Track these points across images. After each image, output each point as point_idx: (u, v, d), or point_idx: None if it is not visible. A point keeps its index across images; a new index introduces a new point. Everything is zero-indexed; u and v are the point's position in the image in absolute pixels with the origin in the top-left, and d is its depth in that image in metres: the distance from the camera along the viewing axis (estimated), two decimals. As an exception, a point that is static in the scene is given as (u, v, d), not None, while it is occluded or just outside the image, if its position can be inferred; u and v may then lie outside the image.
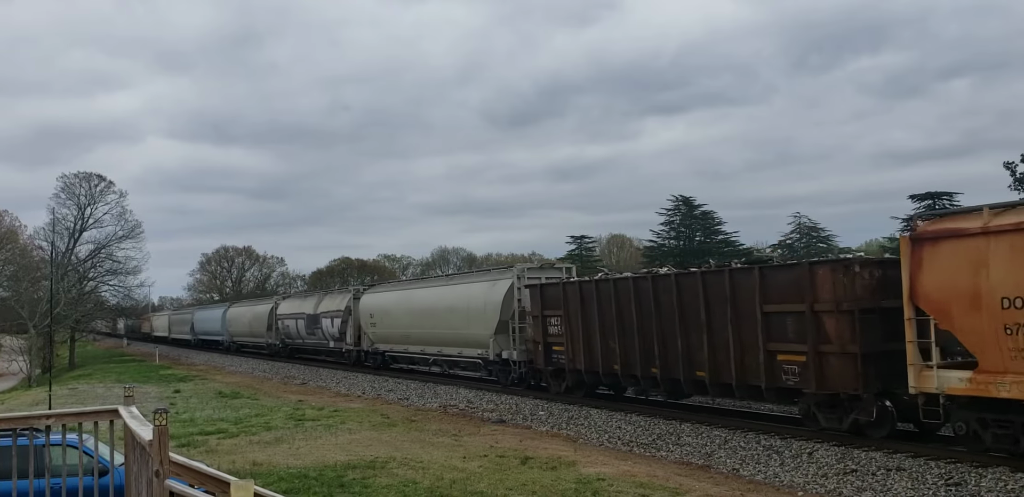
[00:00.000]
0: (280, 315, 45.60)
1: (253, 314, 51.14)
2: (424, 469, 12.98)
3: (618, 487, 11.56)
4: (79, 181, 59.32)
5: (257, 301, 56.45)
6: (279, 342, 46.13)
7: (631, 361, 19.00)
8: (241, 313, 54.84)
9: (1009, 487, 10.99)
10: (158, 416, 5.19)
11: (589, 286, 20.50)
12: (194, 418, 20.29)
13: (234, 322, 55.82)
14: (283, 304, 46.55)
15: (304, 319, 41.24)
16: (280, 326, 45.27)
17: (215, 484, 5.02)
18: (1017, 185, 49.74)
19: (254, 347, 52.39)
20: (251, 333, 51.47)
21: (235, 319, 55.76)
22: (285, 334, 44.69)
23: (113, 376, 38.45)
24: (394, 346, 32.37)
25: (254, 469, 13.10)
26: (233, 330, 56.04)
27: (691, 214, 72.19)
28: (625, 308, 19.09)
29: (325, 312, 38.64)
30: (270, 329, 47.19)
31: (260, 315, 49.29)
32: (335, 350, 38.68)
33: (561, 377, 21.89)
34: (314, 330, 39.99)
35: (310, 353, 43.90)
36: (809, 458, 13.47)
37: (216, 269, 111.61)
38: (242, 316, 54.09)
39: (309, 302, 41.78)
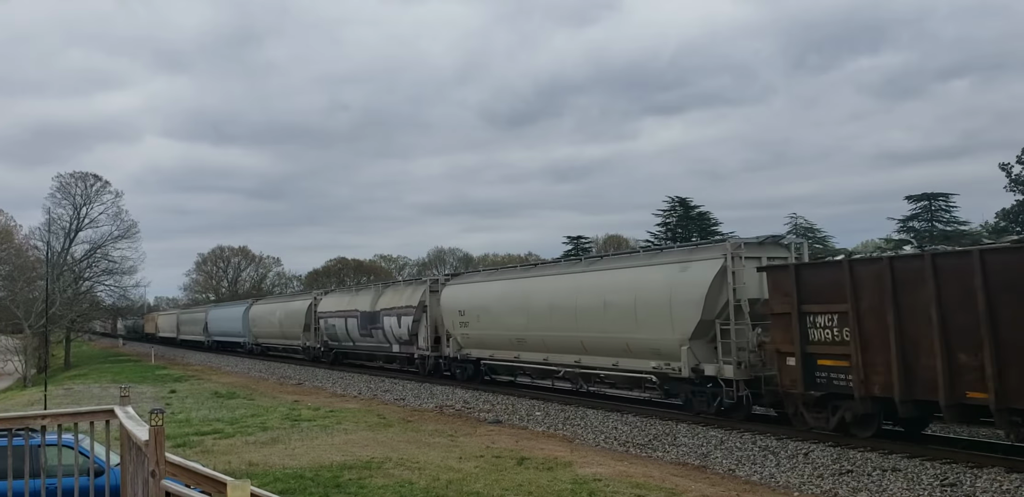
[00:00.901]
0: (323, 313, 38.56)
1: (285, 312, 44.59)
2: (420, 469, 12.98)
3: (614, 488, 11.56)
4: (75, 181, 59.23)
5: (290, 297, 50.47)
6: (320, 345, 39.93)
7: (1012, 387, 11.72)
8: (268, 311, 48.15)
9: (1004, 487, 11.02)
10: (154, 416, 5.19)
11: (916, 264, 13.16)
12: (190, 418, 20.26)
13: (259, 321, 49.31)
14: (326, 300, 39.66)
15: (357, 317, 34.27)
16: (323, 326, 38.51)
17: (211, 484, 5.01)
18: (1012, 186, 49.93)
19: (285, 351, 46.42)
20: (282, 334, 45.35)
21: (261, 318, 49.14)
22: (329, 335, 37.95)
23: (109, 376, 38.38)
24: (495, 353, 25.07)
25: (250, 469, 13.09)
26: (258, 330, 49.90)
27: (687, 215, 72.21)
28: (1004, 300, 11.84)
29: (388, 309, 31.68)
30: (308, 330, 41.15)
31: (295, 313, 42.84)
32: (400, 355, 32.07)
33: (830, 406, 14.79)
34: (371, 331, 33.19)
35: (363, 359, 37.24)
36: (805, 459, 13.49)
37: (212, 269, 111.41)
38: (270, 314, 47.45)
39: (364, 297, 34.95)
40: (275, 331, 46.64)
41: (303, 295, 46.12)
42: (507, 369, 25.76)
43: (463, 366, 27.32)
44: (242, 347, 53.51)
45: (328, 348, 39.03)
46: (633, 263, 20.10)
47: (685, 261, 18.17)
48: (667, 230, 73.31)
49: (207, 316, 62.22)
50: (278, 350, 48.06)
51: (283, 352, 47.01)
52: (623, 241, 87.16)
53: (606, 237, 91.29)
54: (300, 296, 46.77)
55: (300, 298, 44.75)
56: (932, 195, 55.61)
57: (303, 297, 44.51)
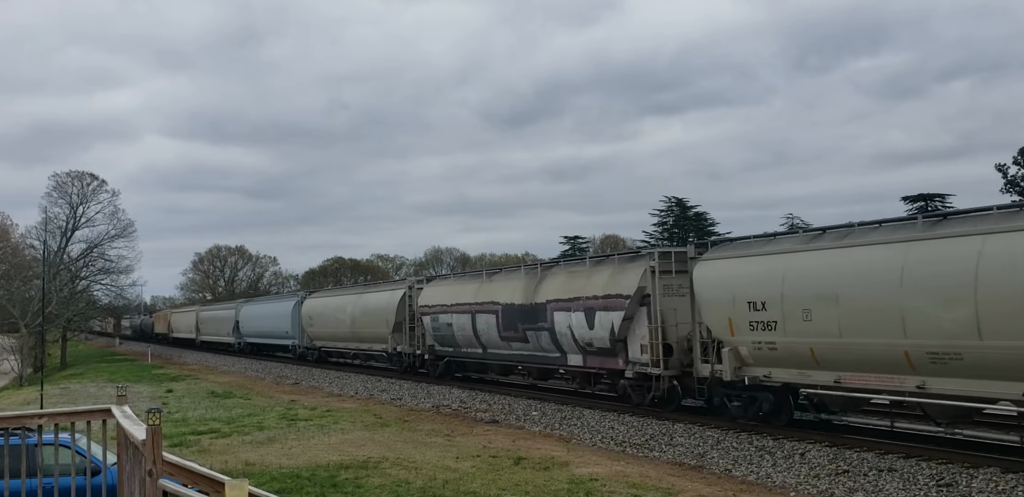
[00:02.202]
0: (427, 307, 28.47)
1: (362, 307, 34.32)
2: (417, 469, 12.98)
3: (611, 487, 11.57)
4: (71, 180, 59.21)
5: (365, 287, 39.10)
6: (422, 351, 29.49)
7: None
8: (335, 306, 37.63)
9: (1000, 488, 11.04)
10: (151, 415, 5.19)
11: None
12: (186, 418, 20.25)
13: (319, 319, 39.27)
14: (432, 289, 29.33)
15: (497, 313, 24.07)
16: (427, 325, 28.43)
17: (209, 484, 5.02)
18: (1008, 187, 50.02)
19: (359, 357, 36.36)
20: (354, 336, 35.16)
21: (321, 315, 38.99)
22: (439, 338, 27.94)
23: (105, 375, 38.33)
24: (844, 376, 14.15)
25: (247, 469, 13.09)
26: (317, 331, 40.00)
27: (684, 215, 72.32)
28: None
29: (566, 300, 20.94)
30: (399, 330, 30.91)
31: (380, 308, 32.41)
32: (580, 370, 21.32)
33: None
34: (525, 333, 22.74)
35: (498, 372, 26.95)
36: (801, 459, 13.50)
37: (209, 268, 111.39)
38: (338, 311, 36.88)
39: (508, 284, 24.29)
40: (343, 332, 36.44)
41: (390, 284, 36.22)
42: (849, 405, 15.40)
43: (755, 400, 16.22)
44: (290, 352, 44.22)
45: (436, 356, 28.61)
46: None
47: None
48: (664, 230, 73.39)
49: (238, 313, 52.34)
50: (345, 356, 38.31)
51: (354, 359, 37.31)
52: (620, 241, 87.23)
53: (603, 237, 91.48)
54: (385, 285, 36.27)
55: (385, 287, 34.72)
56: (928, 196, 55.73)
57: (391, 286, 34.05)
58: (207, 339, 60.54)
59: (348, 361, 38.34)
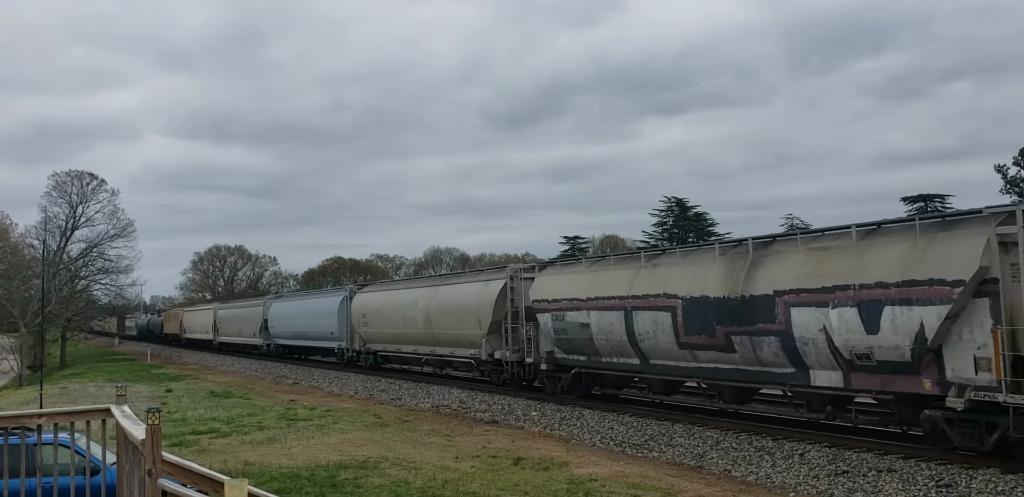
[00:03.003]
0: (545, 303, 21.48)
1: (442, 303, 27.37)
2: (416, 469, 12.98)
3: (610, 488, 11.57)
4: (71, 179, 59.28)
5: (442, 279, 30.79)
6: (539, 360, 22.33)
7: None
8: (403, 301, 30.25)
9: (999, 489, 11.04)
10: (151, 415, 5.18)
11: None
12: (186, 417, 20.25)
13: (376, 318, 32.35)
14: (548, 279, 22.16)
15: (676, 311, 17.28)
16: (550, 327, 21.31)
17: (208, 484, 5.01)
18: (1008, 188, 50.03)
19: (440, 364, 28.86)
20: (431, 339, 28.26)
21: (379, 312, 32.10)
22: (564, 344, 21.10)
23: (104, 375, 38.33)
24: None
25: (246, 469, 13.08)
26: (374, 332, 32.94)
27: (684, 215, 72.34)
28: None
29: (802, 290, 14.62)
30: (496, 332, 24.11)
31: (470, 305, 25.48)
32: (837, 393, 14.74)
33: None
34: (731, 338, 16.04)
35: (659, 389, 19.53)
36: (801, 459, 13.50)
37: (208, 268, 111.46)
38: (405, 307, 29.88)
39: (692, 269, 17.32)
40: (412, 333, 29.44)
41: (483, 273, 27.62)
42: None
43: None
44: (335, 356, 37.40)
45: (556, 365, 21.77)
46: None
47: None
48: (664, 230, 73.40)
49: (267, 311, 45.80)
50: (411, 363, 31.66)
51: (424, 367, 30.35)
52: (619, 241, 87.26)
53: (603, 237, 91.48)
54: (474, 275, 28.07)
55: (475, 277, 27.02)
56: (928, 196, 55.75)
57: (485, 276, 26.37)
58: (227, 341, 53.99)
59: (416, 369, 31.78)
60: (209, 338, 58.55)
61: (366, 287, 36.93)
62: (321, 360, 41.11)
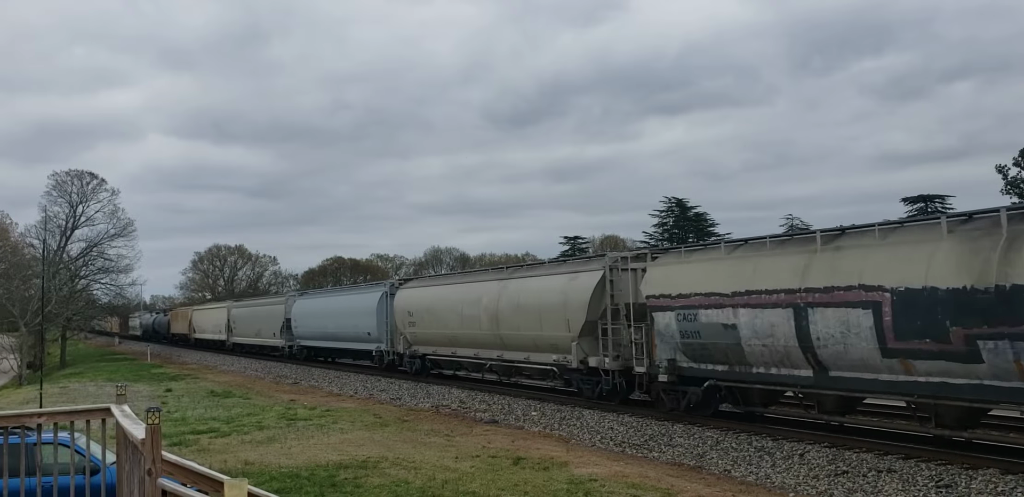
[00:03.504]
0: (665, 299, 17.52)
1: (517, 299, 23.01)
2: (416, 469, 12.98)
3: (610, 488, 11.57)
4: (71, 179, 59.34)
5: (512, 271, 25.39)
6: (657, 369, 17.92)
7: None
8: (462, 297, 26.05)
9: (999, 489, 11.04)
10: (151, 415, 5.18)
11: None
12: (186, 417, 20.25)
13: (429, 318, 27.91)
14: (668, 270, 18.02)
15: (883, 307, 13.09)
16: (675, 330, 17.20)
17: (208, 483, 5.01)
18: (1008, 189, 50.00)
19: (509, 372, 24.38)
20: (499, 342, 23.87)
21: (432, 311, 27.69)
22: (692, 350, 17.02)
23: (104, 375, 38.33)
24: None
25: (246, 468, 13.09)
26: (423, 333, 28.48)
27: (684, 216, 72.37)
28: None
29: None
30: (589, 334, 20.09)
31: (557, 302, 21.14)
32: None
33: None
34: (978, 344, 11.84)
35: (835, 407, 15.22)
36: (800, 459, 13.51)
37: (208, 268, 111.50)
38: (465, 303, 25.70)
39: (904, 252, 13.11)
40: (472, 335, 25.17)
41: (571, 263, 23.14)
42: None
43: None
44: (373, 360, 33.33)
45: (678, 376, 17.56)
46: None
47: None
48: (663, 231, 73.42)
49: (290, 309, 42.22)
50: (469, 369, 27.02)
51: (486, 373, 25.82)
52: (620, 241, 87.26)
53: (603, 237, 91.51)
54: (558, 265, 23.64)
55: (561, 268, 22.60)
56: (928, 197, 55.76)
57: (573, 266, 22.08)
58: (243, 341, 50.29)
59: (475, 376, 26.66)
60: (222, 339, 54.82)
61: (411, 282, 32.79)
62: (353, 364, 37.69)
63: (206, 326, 59.99)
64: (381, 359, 32.40)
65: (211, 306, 64.53)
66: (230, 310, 54.32)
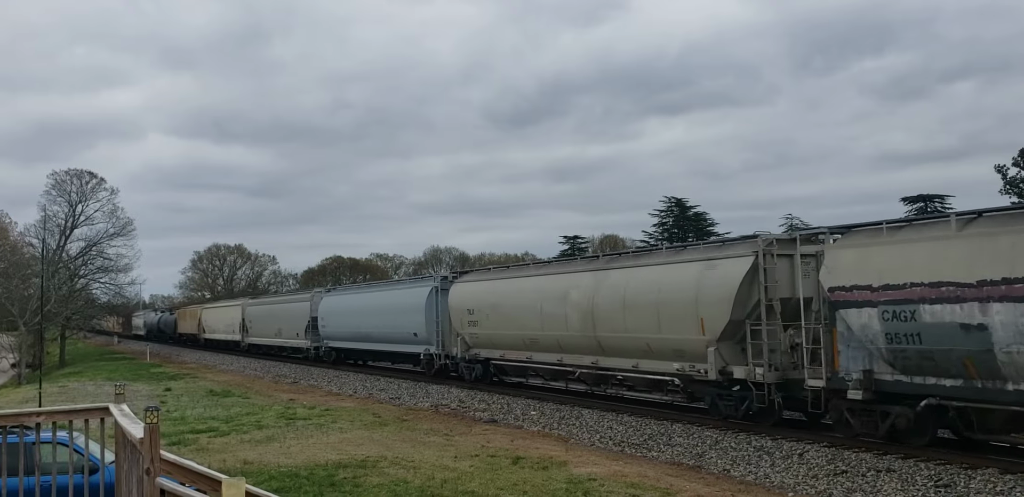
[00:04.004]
0: (861, 294, 13.51)
1: (616, 294, 19.25)
2: (415, 468, 12.98)
3: (609, 487, 11.57)
4: (70, 178, 59.31)
5: (608, 259, 21.31)
6: (855, 385, 13.69)
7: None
8: (537, 293, 22.24)
9: (998, 489, 11.04)
10: (149, 414, 5.18)
11: None
12: (185, 416, 20.24)
13: (495, 316, 24.02)
14: (857, 253, 13.94)
15: None
16: (878, 331, 13.23)
17: (206, 482, 5.01)
18: (1008, 189, 49.99)
19: (599, 379, 20.89)
20: (594, 345, 20.09)
21: (500, 308, 23.84)
22: (908, 359, 12.99)
23: (103, 374, 38.30)
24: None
25: (245, 468, 13.08)
26: (489, 334, 24.53)
27: (683, 216, 72.35)
28: None
29: None
30: (730, 338, 16.43)
31: (671, 299, 17.56)
32: None
33: None
34: None
35: None
36: (800, 459, 13.51)
37: (208, 267, 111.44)
38: (543, 301, 21.81)
39: None
40: (560, 336, 21.14)
41: (681, 252, 19.04)
42: None
43: None
44: (423, 366, 29.70)
45: (882, 394, 13.65)
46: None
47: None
48: (663, 230, 73.41)
49: (316, 307, 38.89)
50: (555, 377, 23.05)
51: (570, 382, 22.57)
52: (619, 241, 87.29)
53: (602, 237, 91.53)
54: (671, 254, 19.14)
55: (678, 257, 18.50)
56: (927, 197, 55.70)
57: (703, 254, 17.77)
58: (260, 342, 46.88)
59: (558, 386, 23.37)
60: (236, 339, 51.07)
61: (468, 275, 28.60)
62: (393, 368, 33.91)
63: (218, 325, 56.74)
64: (430, 363, 28.76)
65: (223, 304, 60.49)
66: (245, 308, 50.56)
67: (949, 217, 13.09)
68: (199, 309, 64.74)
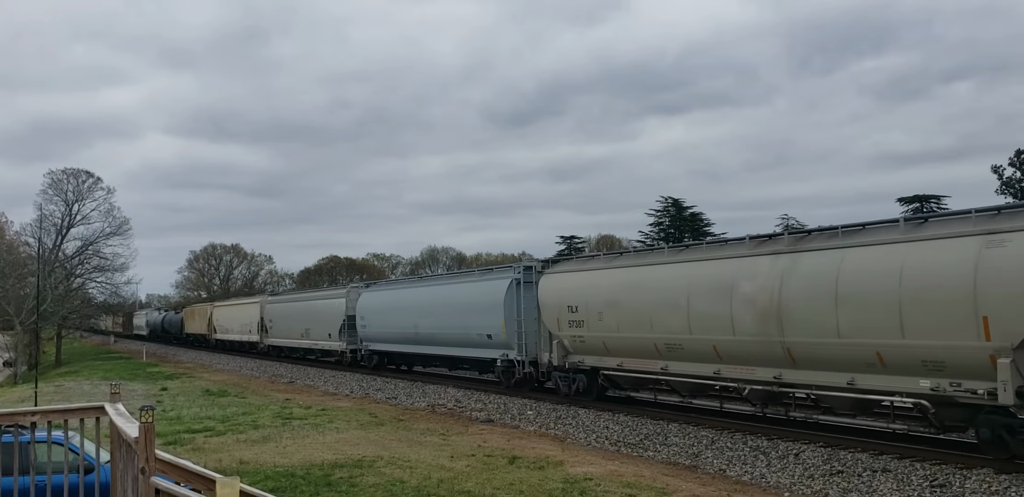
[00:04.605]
0: None
1: (816, 281, 14.18)
2: (411, 468, 12.98)
3: (605, 487, 11.58)
4: (66, 177, 59.19)
5: (802, 239, 15.34)
6: None
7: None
8: (687, 282, 17.08)
9: (993, 489, 11.06)
10: (144, 413, 5.18)
11: None
12: (181, 416, 20.23)
13: (611, 314, 19.22)
14: None
15: None
16: None
17: (201, 481, 5.00)
18: (1004, 189, 50.09)
19: (769, 398, 15.82)
20: (822, 357, 14.21)
21: (616, 305, 19.07)
22: None
23: (100, 373, 38.26)
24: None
25: (241, 467, 13.07)
26: (602, 337, 19.62)
27: (680, 216, 72.39)
28: None
29: None
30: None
31: (933, 290, 12.35)
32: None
33: None
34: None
35: None
36: (796, 459, 13.52)
37: (204, 267, 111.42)
38: (703, 294, 16.56)
39: None
40: (716, 342, 16.29)
41: (948, 223, 13.01)
42: None
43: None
44: (498, 374, 24.85)
45: None
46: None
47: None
48: (660, 230, 73.50)
49: (354, 304, 34.86)
50: (691, 392, 18.24)
51: (737, 403, 17.39)
52: (616, 241, 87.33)
53: (599, 237, 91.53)
54: (937, 227, 13.11)
55: (941, 230, 12.82)
56: (924, 197, 55.76)
57: (985, 225, 12.09)
58: (283, 344, 43.05)
59: (707, 405, 18.09)
60: (253, 340, 47.39)
61: (565, 263, 23.14)
62: (463, 376, 29.49)
63: (231, 325, 52.21)
64: (509, 372, 24.05)
65: (239, 301, 56.02)
66: (265, 306, 46.33)
67: None
68: (209, 307, 60.55)
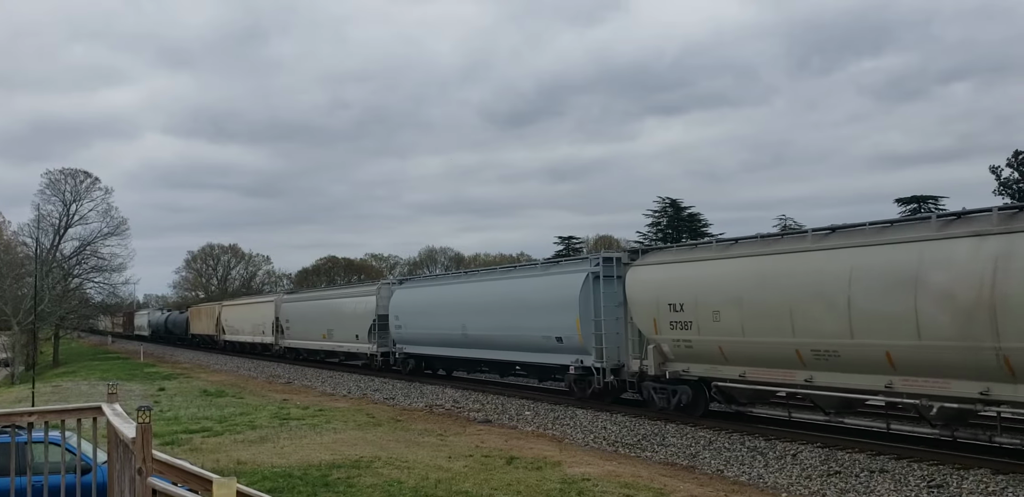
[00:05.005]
0: None
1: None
2: (409, 469, 12.97)
3: (603, 487, 11.58)
4: (64, 177, 59.13)
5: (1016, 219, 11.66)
6: None
7: None
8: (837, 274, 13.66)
9: (991, 489, 11.08)
10: (141, 413, 5.17)
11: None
12: (178, 416, 20.21)
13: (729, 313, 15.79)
14: None
15: None
16: None
17: (198, 482, 4.99)
18: (1001, 189, 50.14)
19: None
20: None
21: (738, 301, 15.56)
22: None
23: (97, 374, 38.21)
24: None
25: (238, 468, 13.06)
26: (718, 342, 16.10)
27: (678, 216, 72.44)
28: None
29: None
30: None
31: None
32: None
33: None
34: None
35: None
36: (793, 459, 13.53)
37: (202, 267, 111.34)
38: (870, 291, 13.11)
39: None
40: (890, 347, 12.87)
41: None
42: None
43: None
44: (569, 383, 21.68)
45: None
46: None
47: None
48: (657, 231, 73.55)
49: (384, 302, 31.72)
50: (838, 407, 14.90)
51: (919, 425, 13.76)
52: (614, 241, 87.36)
53: (597, 237, 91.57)
54: None
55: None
56: (921, 198, 55.84)
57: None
58: (302, 345, 40.15)
59: (873, 425, 14.50)
60: (267, 341, 44.37)
61: (655, 254, 19.43)
62: (532, 386, 25.66)
63: (242, 326, 49.07)
64: (584, 380, 20.84)
65: (250, 300, 52.63)
66: (280, 305, 43.14)
67: None
68: (217, 307, 56.78)
